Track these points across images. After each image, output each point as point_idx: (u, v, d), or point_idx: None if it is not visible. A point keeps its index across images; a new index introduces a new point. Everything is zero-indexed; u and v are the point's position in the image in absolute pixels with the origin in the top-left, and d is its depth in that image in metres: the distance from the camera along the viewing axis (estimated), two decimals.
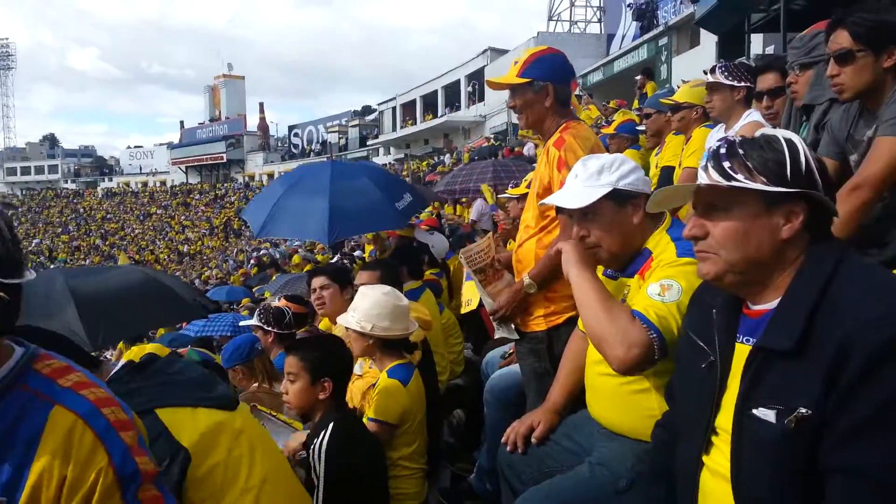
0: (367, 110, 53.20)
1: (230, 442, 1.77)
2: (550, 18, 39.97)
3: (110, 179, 68.74)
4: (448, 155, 28.92)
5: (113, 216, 56.83)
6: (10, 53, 76.94)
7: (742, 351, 1.36)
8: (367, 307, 2.88)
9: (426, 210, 9.54)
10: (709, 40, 15.56)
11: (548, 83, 2.60)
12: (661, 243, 1.94)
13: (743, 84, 3.98)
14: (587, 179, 1.98)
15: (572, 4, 39.40)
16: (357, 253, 12.23)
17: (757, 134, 1.39)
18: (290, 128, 56.67)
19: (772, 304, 1.35)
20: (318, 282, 3.78)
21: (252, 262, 19.87)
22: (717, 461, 1.37)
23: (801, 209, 1.31)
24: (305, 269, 12.22)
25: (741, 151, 1.34)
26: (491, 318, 2.82)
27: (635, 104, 11.72)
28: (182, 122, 69.05)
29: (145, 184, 65.25)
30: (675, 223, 1.98)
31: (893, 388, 1.11)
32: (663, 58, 20.01)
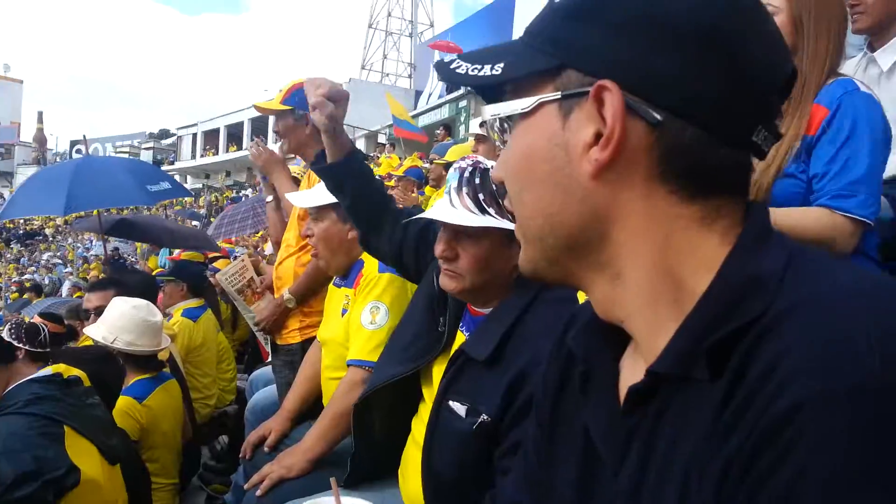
0: (164, 133, 49.93)
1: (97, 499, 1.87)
2: (363, 67, 41.19)
3: None
4: (251, 189, 28.06)
5: None
6: None
7: (460, 339, 1.58)
8: (114, 318, 2.80)
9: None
10: None
11: (307, 112, 2.80)
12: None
13: None
14: None
15: (385, 57, 41.04)
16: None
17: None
18: (73, 143, 51.30)
19: (487, 310, 1.53)
20: (96, 298, 3.37)
21: (13, 287, 17.51)
22: (419, 430, 1.53)
23: None
24: (75, 296, 11.15)
25: (494, 186, 1.41)
26: (254, 329, 2.92)
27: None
28: None
29: None
30: None
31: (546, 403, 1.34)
32: (462, 118, 21.51)
